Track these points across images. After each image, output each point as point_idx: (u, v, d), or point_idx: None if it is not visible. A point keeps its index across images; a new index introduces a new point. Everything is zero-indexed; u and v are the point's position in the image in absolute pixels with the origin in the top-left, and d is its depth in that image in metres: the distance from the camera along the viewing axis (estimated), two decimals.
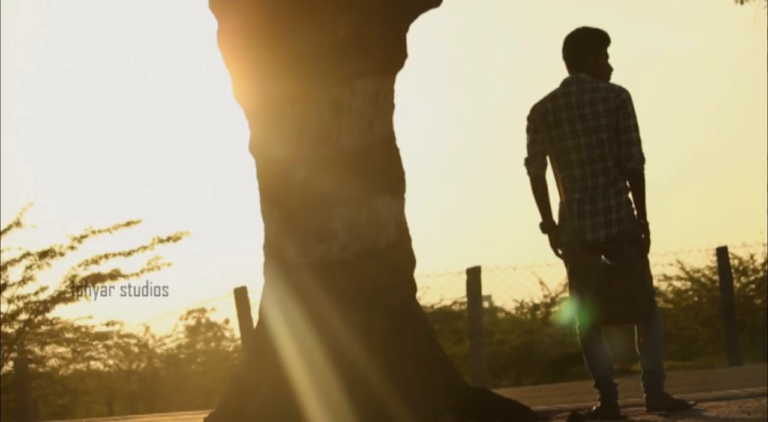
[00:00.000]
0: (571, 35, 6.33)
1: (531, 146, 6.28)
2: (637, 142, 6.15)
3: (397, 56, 6.42)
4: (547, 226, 6.30)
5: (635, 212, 6.19)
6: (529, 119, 6.29)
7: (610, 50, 6.38)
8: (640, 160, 6.14)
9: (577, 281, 6.16)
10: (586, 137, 6.14)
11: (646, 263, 6.21)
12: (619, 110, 6.14)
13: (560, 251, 6.29)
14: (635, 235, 6.16)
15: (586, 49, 6.28)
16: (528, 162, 6.30)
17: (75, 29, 31.71)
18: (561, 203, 6.24)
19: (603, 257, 6.17)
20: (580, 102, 6.16)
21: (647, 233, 6.18)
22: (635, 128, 6.15)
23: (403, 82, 6.64)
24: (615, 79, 6.34)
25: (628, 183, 6.18)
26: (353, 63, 6.23)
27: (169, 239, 15.86)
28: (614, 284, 6.05)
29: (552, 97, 6.24)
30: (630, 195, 6.18)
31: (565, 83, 6.25)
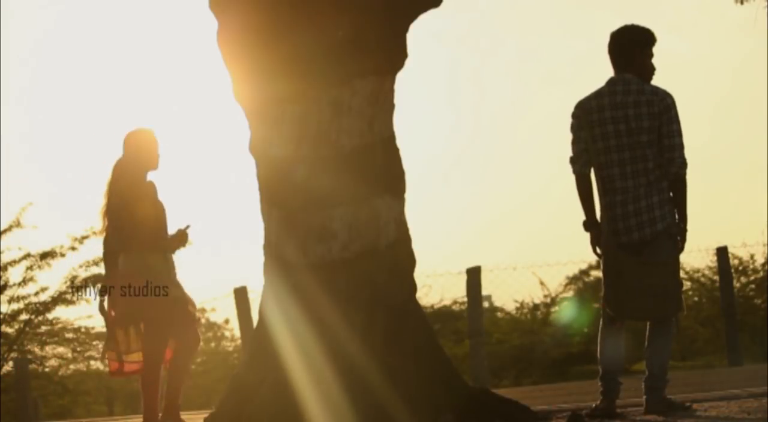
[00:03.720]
0: (620, 32, 6.30)
1: (575, 143, 6.27)
2: (680, 147, 6.16)
3: (397, 56, 6.42)
4: (590, 224, 6.30)
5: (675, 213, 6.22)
6: (573, 115, 6.27)
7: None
8: (682, 164, 6.16)
9: (610, 278, 6.15)
10: (628, 138, 6.14)
11: (677, 257, 6.24)
12: (662, 114, 6.15)
13: (599, 251, 6.28)
14: (674, 230, 6.19)
15: (637, 47, 6.27)
16: (573, 160, 6.29)
17: (75, 29, 31.72)
18: (601, 204, 6.23)
19: (641, 252, 6.19)
20: (624, 103, 6.16)
21: (684, 238, 6.22)
22: (678, 132, 6.17)
23: (403, 82, 6.65)
24: None
25: (668, 185, 6.20)
26: (353, 63, 6.23)
27: None
28: (647, 279, 6.09)
29: (597, 95, 6.23)
30: (670, 193, 6.20)
31: (612, 82, 6.24)
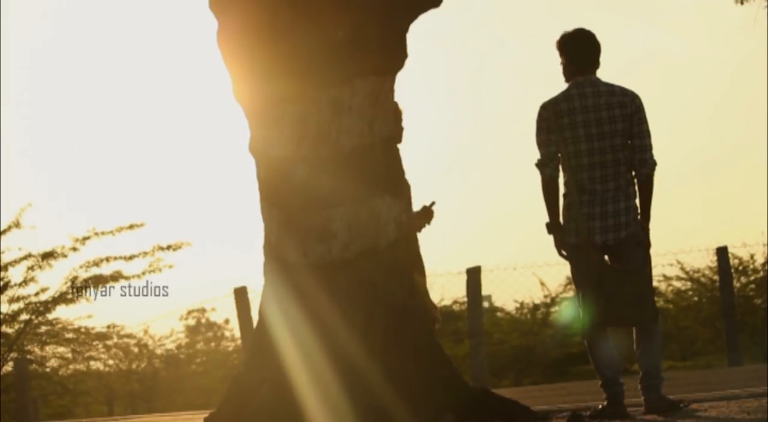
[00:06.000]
0: (587, 36, 6.24)
1: (545, 146, 6.19)
2: (651, 147, 6.15)
3: (397, 56, 6.42)
4: (553, 226, 6.25)
5: (639, 216, 6.20)
6: (542, 117, 6.18)
7: (606, 52, 6.38)
8: (654, 165, 6.15)
9: (585, 283, 6.12)
10: (600, 142, 6.10)
11: (650, 265, 6.23)
12: (634, 115, 6.12)
13: (564, 252, 6.26)
14: (640, 237, 6.17)
15: (599, 50, 6.25)
16: (543, 163, 6.20)
17: (75, 29, 31.73)
18: (566, 204, 6.20)
19: (606, 258, 6.17)
20: (596, 106, 6.11)
21: (648, 237, 6.20)
22: (648, 133, 6.15)
23: (403, 82, 6.64)
24: (612, 81, 6.32)
25: (636, 188, 6.19)
26: (353, 63, 6.23)
27: (169, 247, 15.88)
28: (624, 287, 6.05)
29: (567, 97, 6.16)
30: (636, 200, 6.19)
31: (579, 84, 6.17)
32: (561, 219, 6.24)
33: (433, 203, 6.87)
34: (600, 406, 6.25)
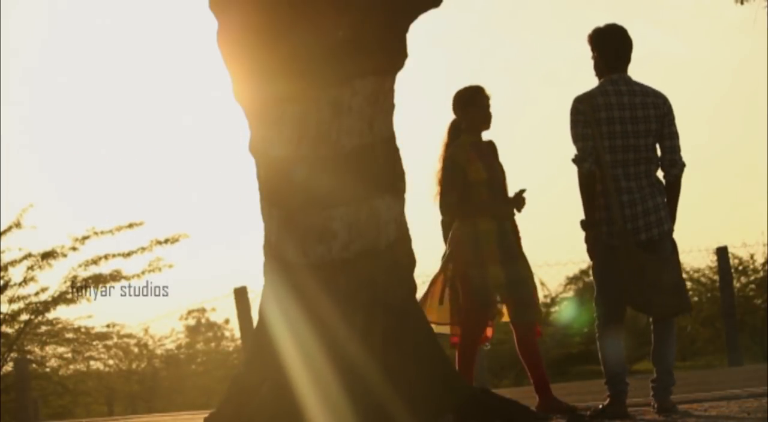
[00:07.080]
0: (622, 33, 6.24)
1: (582, 140, 6.13)
2: (680, 148, 6.19)
3: (397, 56, 6.42)
4: (590, 223, 6.24)
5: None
6: (578, 110, 6.14)
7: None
8: (683, 166, 6.20)
9: (629, 276, 6.07)
10: (635, 140, 6.10)
11: (677, 254, 6.28)
12: (665, 116, 6.17)
13: (595, 250, 6.23)
14: (672, 230, 6.23)
15: (632, 47, 6.26)
16: (581, 158, 6.13)
17: (75, 29, 31.73)
18: (603, 204, 6.15)
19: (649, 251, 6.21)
20: (632, 104, 6.12)
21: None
22: (678, 135, 6.20)
23: (403, 82, 6.64)
24: None
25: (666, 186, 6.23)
26: (353, 63, 6.23)
27: (167, 241, 15.88)
28: (664, 275, 6.08)
29: (603, 92, 6.15)
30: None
31: (614, 81, 6.17)
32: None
33: (523, 190, 6.87)
34: (600, 406, 6.26)
